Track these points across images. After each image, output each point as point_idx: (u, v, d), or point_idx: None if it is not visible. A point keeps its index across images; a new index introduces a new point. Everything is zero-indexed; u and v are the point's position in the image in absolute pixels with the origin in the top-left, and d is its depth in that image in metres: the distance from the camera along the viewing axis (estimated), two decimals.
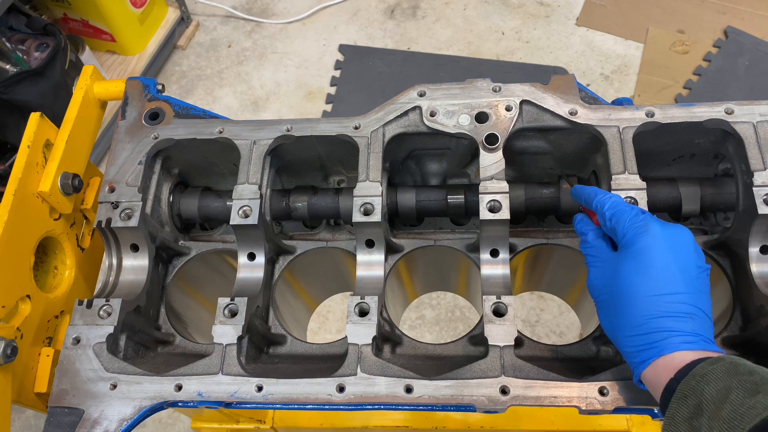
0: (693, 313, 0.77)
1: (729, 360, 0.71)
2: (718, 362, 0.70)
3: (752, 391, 0.65)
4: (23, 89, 2.37)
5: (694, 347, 0.75)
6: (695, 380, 0.70)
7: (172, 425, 2.32)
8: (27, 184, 1.00)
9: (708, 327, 0.78)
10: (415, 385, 0.89)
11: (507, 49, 3.17)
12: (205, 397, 0.91)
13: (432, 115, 1.04)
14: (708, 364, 0.71)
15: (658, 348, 0.77)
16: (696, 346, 0.75)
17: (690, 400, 0.69)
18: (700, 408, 0.67)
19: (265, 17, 3.41)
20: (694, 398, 0.69)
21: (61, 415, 0.91)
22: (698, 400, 0.68)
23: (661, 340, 0.77)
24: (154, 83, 1.17)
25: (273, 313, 1.11)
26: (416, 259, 1.17)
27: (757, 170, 0.94)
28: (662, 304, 0.78)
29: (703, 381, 0.69)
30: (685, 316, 0.77)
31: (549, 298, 2.45)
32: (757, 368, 0.69)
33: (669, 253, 0.80)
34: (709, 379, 0.69)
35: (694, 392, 0.69)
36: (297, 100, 3.11)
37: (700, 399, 0.68)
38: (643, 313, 0.78)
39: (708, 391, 0.68)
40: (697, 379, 0.70)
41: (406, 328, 2.43)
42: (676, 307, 0.77)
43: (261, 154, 1.06)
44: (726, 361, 0.70)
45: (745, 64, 2.96)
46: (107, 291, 1.04)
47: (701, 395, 0.68)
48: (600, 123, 1.01)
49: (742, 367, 0.69)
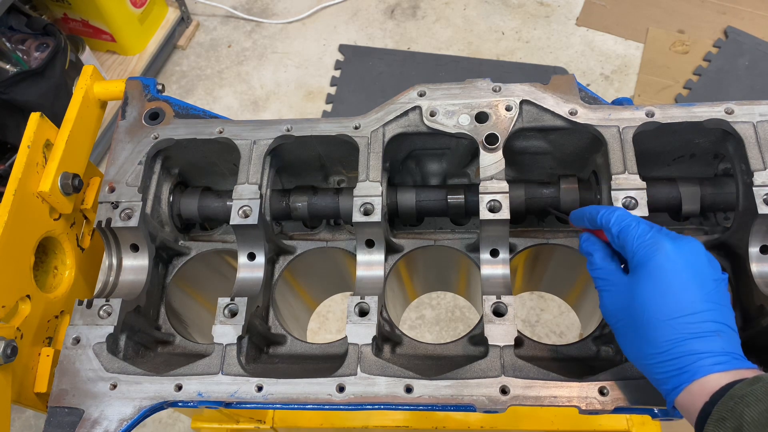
0: (719, 330, 0.74)
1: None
2: (758, 382, 0.67)
3: None
4: (23, 89, 2.37)
5: (727, 367, 0.72)
6: (733, 402, 0.66)
7: (172, 425, 2.32)
8: (27, 184, 1.00)
9: (735, 341, 0.75)
10: (415, 385, 0.89)
11: (507, 49, 3.17)
12: (205, 397, 0.91)
13: (432, 115, 1.04)
14: (747, 384, 0.67)
15: (689, 373, 0.73)
16: (728, 366, 0.72)
17: (728, 422, 0.65)
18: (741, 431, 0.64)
19: (265, 17, 3.41)
20: (733, 421, 0.65)
21: (61, 415, 0.91)
22: (738, 424, 0.64)
23: (690, 364, 0.73)
24: (154, 83, 1.17)
25: (273, 313, 1.12)
26: (416, 259, 1.17)
27: (757, 170, 0.94)
28: (686, 325, 0.75)
29: (743, 402, 0.65)
30: (712, 334, 0.74)
31: (549, 298, 2.45)
32: None
33: (685, 271, 0.77)
34: (749, 400, 0.65)
35: (733, 414, 0.65)
36: (297, 100, 3.11)
37: (740, 422, 0.64)
38: (667, 338, 0.75)
39: (748, 413, 0.64)
40: (736, 400, 0.66)
41: (406, 328, 2.44)
42: (701, 327, 0.74)
43: (261, 154, 1.06)
44: (766, 381, 0.67)
45: (745, 64, 2.96)
46: (107, 291, 1.04)
47: (741, 418, 0.64)
48: (600, 123, 1.01)
49: None
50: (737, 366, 0.73)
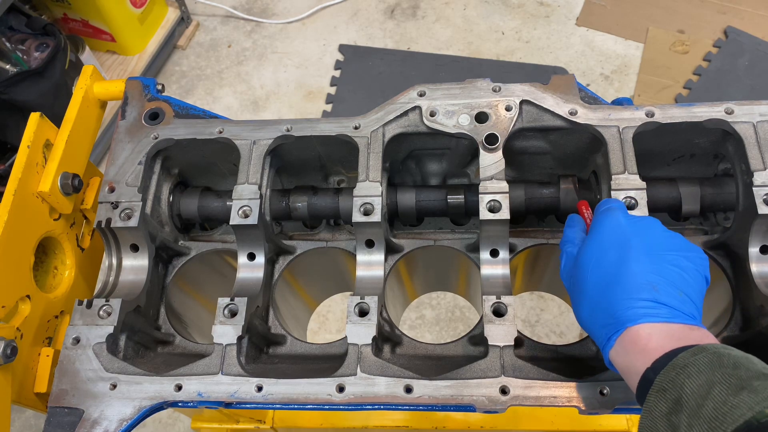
0: (655, 283, 0.73)
1: (713, 350, 0.65)
2: (701, 352, 0.65)
3: (736, 387, 0.60)
4: (23, 89, 2.37)
5: (661, 319, 0.71)
6: (675, 372, 0.64)
7: (172, 425, 2.32)
8: (27, 184, 1.00)
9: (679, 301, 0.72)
10: (415, 385, 0.89)
11: (507, 49, 3.17)
12: (205, 397, 0.91)
13: (432, 115, 1.04)
14: (690, 354, 0.65)
15: (620, 321, 0.72)
16: (662, 318, 0.71)
17: (669, 393, 0.64)
18: (680, 403, 0.62)
19: (265, 17, 3.40)
20: (674, 392, 0.63)
21: (61, 415, 0.91)
22: (678, 395, 0.63)
23: (621, 311, 0.72)
24: (154, 83, 1.17)
25: (273, 313, 1.11)
26: (416, 259, 1.17)
27: (757, 170, 0.94)
28: (620, 275, 0.75)
29: (684, 373, 0.64)
30: (647, 285, 0.73)
31: (549, 298, 2.45)
32: (742, 360, 0.64)
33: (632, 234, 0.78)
34: (691, 371, 0.63)
35: (674, 385, 0.64)
36: (297, 100, 3.11)
37: (680, 393, 0.62)
38: (600, 287, 0.76)
39: (689, 385, 0.62)
40: (677, 370, 0.64)
41: (406, 328, 2.43)
42: (637, 279, 0.74)
43: (261, 154, 1.06)
44: (709, 351, 0.65)
45: (745, 64, 2.96)
46: (107, 291, 1.04)
47: (681, 389, 0.63)
48: (600, 123, 1.01)
49: (727, 358, 0.63)
50: (673, 319, 0.71)
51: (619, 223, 0.81)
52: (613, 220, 0.82)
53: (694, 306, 0.74)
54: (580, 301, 0.80)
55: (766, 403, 0.57)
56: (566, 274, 0.86)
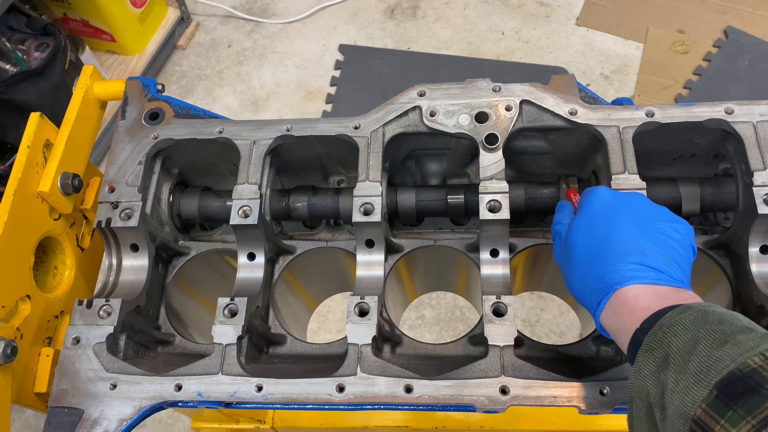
0: (642, 248, 0.75)
1: (698, 308, 0.66)
2: (687, 311, 0.66)
3: (720, 341, 0.61)
4: (23, 89, 2.37)
5: (648, 281, 0.72)
6: (662, 331, 0.66)
7: (172, 425, 2.32)
8: (27, 184, 1.00)
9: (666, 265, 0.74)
10: (414, 385, 0.89)
11: (507, 49, 3.17)
12: (205, 397, 0.91)
13: (432, 115, 1.04)
14: (676, 313, 0.67)
15: (608, 284, 0.74)
16: (650, 280, 0.72)
17: (657, 352, 0.65)
18: (667, 361, 0.64)
19: (265, 17, 3.40)
20: (661, 350, 0.65)
21: (61, 415, 0.91)
22: (665, 353, 0.64)
23: (609, 274, 0.74)
24: (154, 83, 1.17)
25: (273, 313, 1.11)
26: (416, 259, 1.17)
27: (757, 170, 0.94)
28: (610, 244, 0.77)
29: (671, 332, 0.65)
30: (634, 249, 0.75)
31: (549, 298, 2.44)
32: (726, 316, 0.65)
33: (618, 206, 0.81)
34: (677, 329, 0.65)
35: (661, 344, 0.65)
36: (297, 100, 3.11)
37: (667, 351, 0.64)
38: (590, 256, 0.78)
39: (675, 342, 0.64)
40: (665, 330, 0.66)
41: (406, 328, 2.43)
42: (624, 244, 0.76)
43: (261, 154, 1.06)
44: (695, 309, 0.66)
45: (745, 64, 2.96)
46: (107, 291, 1.04)
47: (668, 347, 0.64)
48: (600, 123, 1.01)
49: (711, 315, 0.65)
50: (660, 281, 0.73)
51: (605, 197, 0.85)
52: (599, 196, 0.85)
53: (681, 271, 0.76)
54: (570, 272, 0.83)
55: (749, 354, 0.58)
56: (558, 252, 0.89)
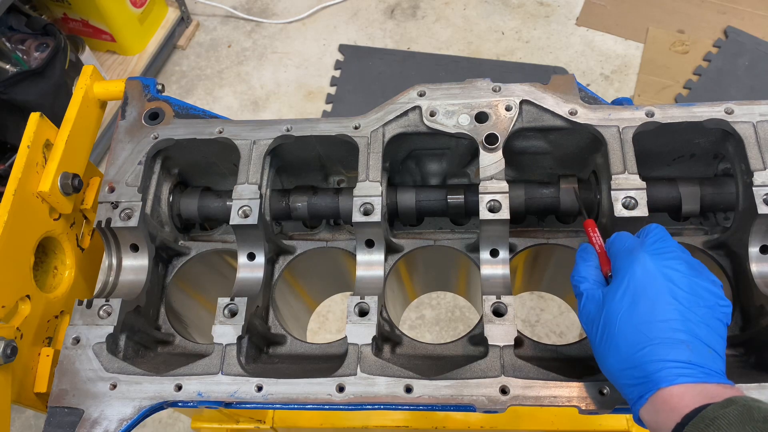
0: (689, 342, 0.71)
1: (742, 403, 0.64)
2: (731, 405, 0.64)
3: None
4: (23, 89, 2.37)
5: (694, 380, 0.69)
6: (704, 424, 0.64)
7: (172, 425, 2.32)
8: (27, 184, 1.00)
9: (710, 359, 0.71)
10: (414, 385, 0.89)
11: (507, 49, 3.17)
12: (205, 397, 0.91)
13: (432, 115, 1.04)
14: (719, 407, 0.65)
15: (653, 381, 0.71)
16: (695, 379, 0.69)
17: None
18: None
19: (265, 17, 3.40)
20: None
21: (61, 415, 0.91)
22: None
23: (654, 372, 0.71)
24: (154, 83, 1.17)
25: (273, 313, 1.11)
26: (416, 259, 1.17)
27: (757, 170, 0.94)
28: (653, 331, 0.72)
29: (713, 425, 0.63)
30: (680, 344, 0.71)
31: (549, 298, 2.44)
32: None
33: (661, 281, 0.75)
34: (720, 424, 0.63)
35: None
36: (297, 100, 3.11)
37: None
38: (632, 343, 0.73)
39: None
40: (707, 422, 0.64)
41: (406, 328, 2.43)
42: (668, 335, 0.72)
43: (261, 154, 1.06)
44: (739, 404, 0.64)
45: (745, 64, 2.96)
46: (107, 291, 1.04)
47: None
48: (600, 123, 1.01)
49: (757, 412, 0.63)
50: (707, 380, 0.70)
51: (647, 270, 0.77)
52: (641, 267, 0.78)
53: (722, 361, 0.73)
54: (607, 354, 0.78)
55: None
56: (586, 318, 0.82)
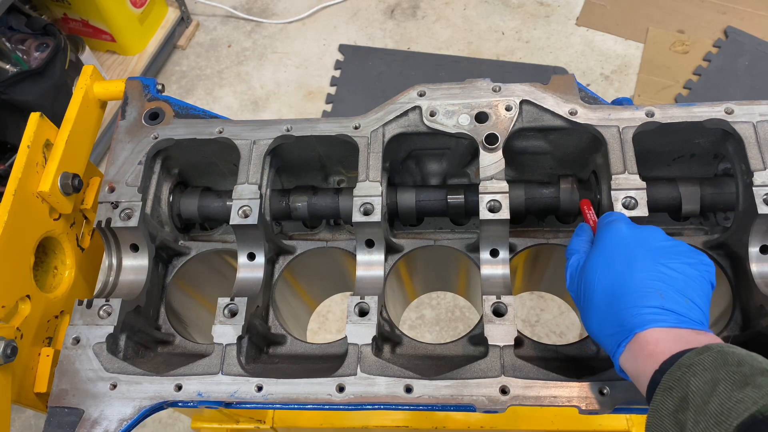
0: (662, 290, 0.74)
1: (717, 349, 0.67)
2: (706, 352, 0.67)
3: (741, 383, 0.62)
4: (23, 89, 2.37)
5: (667, 324, 0.72)
6: (681, 371, 0.66)
7: (172, 425, 2.32)
8: (27, 184, 1.00)
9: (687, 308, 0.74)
10: (414, 385, 0.89)
11: (507, 49, 3.17)
12: (205, 397, 0.91)
13: (432, 115, 1.04)
14: (695, 353, 0.67)
15: (628, 327, 0.74)
16: (669, 324, 0.72)
17: (675, 392, 0.66)
18: (686, 401, 0.64)
19: (265, 17, 3.40)
20: (680, 390, 0.65)
21: (61, 415, 0.91)
22: (684, 393, 0.65)
23: (629, 318, 0.74)
24: (154, 83, 1.17)
25: (273, 313, 1.11)
26: (416, 259, 1.17)
27: (757, 170, 0.94)
28: (627, 283, 0.76)
29: (690, 372, 0.65)
30: (653, 291, 0.75)
31: (549, 298, 2.44)
32: (746, 357, 0.65)
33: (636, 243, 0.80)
34: (696, 370, 0.65)
35: (680, 384, 0.65)
36: (297, 100, 3.11)
37: (686, 391, 0.64)
38: (609, 295, 0.78)
39: (694, 383, 0.64)
40: (683, 369, 0.66)
41: (406, 328, 2.43)
42: (643, 286, 0.75)
43: (261, 154, 1.06)
44: (714, 350, 0.66)
45: (745, 64, 2.96)
46: (107, 291, 1.04)
47: (687, 387, 0.64)
48: (600, 123, 1.01)
49: (731, 356, 0.65)
50: (681, 325, 0.72)
51: (622, 234, 0.83)
52: (616, 232, 0.84)
53: (701, 312, 0.75)
54: (588, 312, 0.82)
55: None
56: (572, 285, 0.87)
